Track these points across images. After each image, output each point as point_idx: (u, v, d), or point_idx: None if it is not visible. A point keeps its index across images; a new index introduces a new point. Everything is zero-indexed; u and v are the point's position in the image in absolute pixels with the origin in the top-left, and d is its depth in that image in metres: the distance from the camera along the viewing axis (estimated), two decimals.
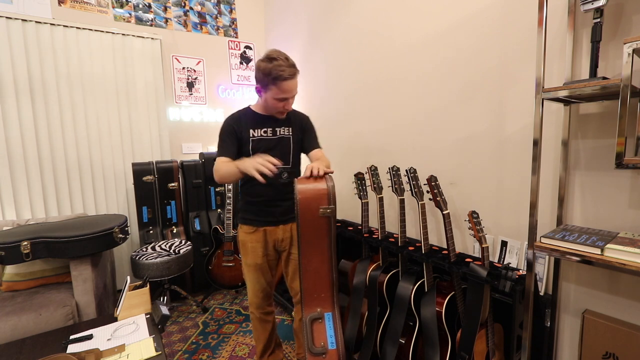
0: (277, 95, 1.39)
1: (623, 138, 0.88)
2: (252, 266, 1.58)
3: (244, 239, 1.58)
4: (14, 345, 1.32)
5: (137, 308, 1.50)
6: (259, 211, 1.55)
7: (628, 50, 0.84)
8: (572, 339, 1.29)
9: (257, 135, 1.49)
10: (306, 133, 1.59)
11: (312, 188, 1.31)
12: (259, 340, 1.70)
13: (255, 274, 1.59)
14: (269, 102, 1.43)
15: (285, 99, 1.42)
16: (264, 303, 1.65)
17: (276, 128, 1.52)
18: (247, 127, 1.48)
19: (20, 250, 1.68)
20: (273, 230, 1.56)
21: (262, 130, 1.50)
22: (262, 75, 1.37)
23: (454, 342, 1.42)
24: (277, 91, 1.38)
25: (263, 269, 1.59)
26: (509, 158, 1.42)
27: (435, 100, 1.70)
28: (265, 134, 1.50)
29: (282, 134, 1.53)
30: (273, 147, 1.50)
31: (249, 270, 1.59)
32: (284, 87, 1.37)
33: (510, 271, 1.23)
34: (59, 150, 2.45)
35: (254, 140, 1.49)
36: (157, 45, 2.75)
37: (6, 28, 2.23)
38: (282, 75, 1.34)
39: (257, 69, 1.39)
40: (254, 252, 1.56)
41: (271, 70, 1.34)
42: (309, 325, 1.37)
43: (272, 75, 1.34)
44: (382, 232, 1.72)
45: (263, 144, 1.49)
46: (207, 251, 2.68)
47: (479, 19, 1.47)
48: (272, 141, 1.51)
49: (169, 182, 2.66)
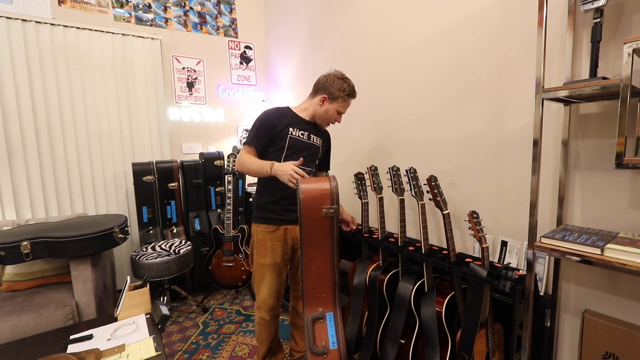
0: (342, 109, 1.60)
1: (623, 138, 0.88)
2: (271, 266, 1.58)
3: (264, 237, 1.59)
4: (14, 345, 1.32)
5: (137, 308, 1.50)
6: (281, 210, 1.59)
7: (628, 50, 0.84)
8: (572, 339, 1.29)
9: (295, 135, 1.58)
10: (328, 151, 1.78)
11: (315, 188, 1.32)
12: (264, 343, 1.69)
13: (273, 274, 1.60)
14: (329, 112, 1.59)
15: (342, 113, 1.62)
16: (277, 304, 1.65)
17: (312, 135, 1.63)
18: (289, 125, 1.57)
19: (20, 250, 1.68)
20: (293, 228, 1.60)
21: (300, 131, 1.59)
22: (336, 90, 1.55)
23: (454, 342, 1.42)
24: (344, 105, 1.60)
25: (280, 268, 1.61)
26: (509, 158, 1.42)
27: (436, 100, 1.70)
28: (302, 136, 1.60)
29: (314, 141, 1.64)
30: (305, 149, 1.60)
31: (266, 271, 1.59)
32: (347, 104, 1.61)
33: (510, 271, 1.23)
34: (59, 150, 2.45)
35: (292, 138, 1.57)
36: (157, 45, 2.75)
37: (6, 28, 2.23)
38: (353, 94, 1.60)
39: (331, 84, 1.56)
40: (273, 252, 1.58)
41: (346, 88, 1.56)
42: (311, 325, 1.37)
43: (346, 91, 1.56)
44: (382, 232, 1.72)
45: (298, 144, 1.58)
46: (207, 251, 2.68)
47: (478, 18, 1.47)
48: (305, 144, 1.60)
49: (169, 182, 2.66)
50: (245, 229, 2.58)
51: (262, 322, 1.65)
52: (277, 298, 1.63)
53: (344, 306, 1.91)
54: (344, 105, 1.61)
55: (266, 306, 1.61)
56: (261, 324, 1.66)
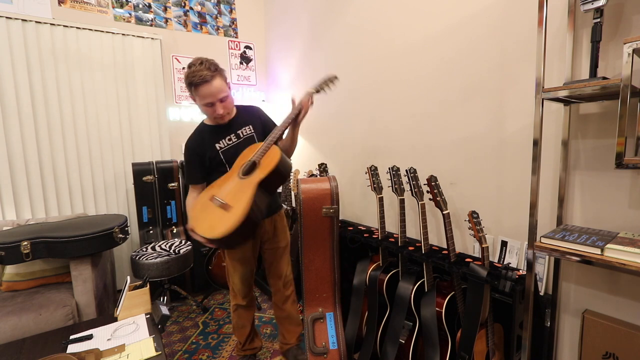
0: (201, 101, 1.40)
1: (623, 138, 0.88)
2: (240, 260, 1.62)
3: None
4: (14, 345, 1.31)
5: (137, 308, 1.50)
6: None
7: (628, 50, 0.84)
8: (572, 339, 1.29)
9: (225, 145, 1.53)
10: (266, 123, 1.62)
11: (315, 188, 1.32)
12: (244, 328, 1.75)
13: (242, 265, 1.63)
14: (201, 110, 1.46)
15: (211, 104, 1.40)
16: (249, 291, 1.70)
17: (237, 131, 1.54)
18: (212, 142, 1.51)
19: (20, 250, 1.68)
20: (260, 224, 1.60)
21: (226, 139, 1.52)
22: (186, 85, 1.39)
23: (454, 342, 1.42)
24: (199, 98, 1.39)
25: (250, 259, 1.64)
26: (509, 158, 1.42)
27: (436, 100, 1.70)
28: (230, 141, 1.53)
29: (246, 134, 1.55)
30: (242, 146, 1.52)
31: (236, 264, 1.63)
32: (202, 92, 1.37)
33: (510, 271, 1.23)
34: (59, 150, 2.44)
35: (223, 150, 1.52)
36: (157, 45, 2.75)
37: (6, 28, 2.23)
38: (194, 81, 1.35)
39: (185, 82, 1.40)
40: (242, 247, 1.60)
41: (188, 78, 1.36)
42: (311, 325, 1.37)
43: (190, 83, 1.36)
44: (382, 232, 1.72)
45: (232, 150, 1.52)
46: (207, 251, 2.68)
47: (478, 19, 1.47)
48: (240, 145, 1.53)
49: (169, 182, 2.66)
50: None
51: (240, 308, 1.71)
52: (248, 285, 1.69)
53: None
54: (199, 98, 1.39)
55: (241, 293, 1.67)
56: (239, 310, 1.72)
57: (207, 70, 1.35)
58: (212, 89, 1.37)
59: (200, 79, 1.34)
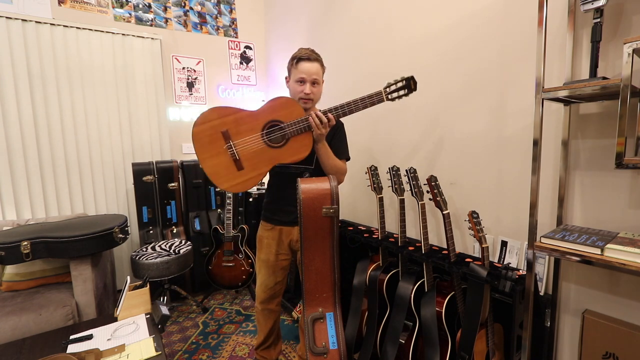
0: (296, 76, 1.49)
1: (623, 138, 0.88)
2: (265, 262, 1.63)
3: (262, 234, 1.65)
4: (14, 345, 1.32)
5: (137, 308, 1.50)
6: (276, 210, 1.61)
7: (628, 50, 0.84)
8: (572, 339, 1.29)
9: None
10: (334, 138, 1.60)
11: (315, 188, 1.32)
12: (260, 332, 1.73)
13: (266, 270, 1.63)
14: (290, 90, 1.55)
15: (303, 81, 1.49)
16: (268, 299, 1.67)
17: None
18: None
19: (20, 250, 1.68)
20: (289, 230, 1.60)
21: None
22: (289, 61, 1.52)
23: (454, 342, 1.42)
24: (295, 72, 1.49)
25: (275, 268, 1.62)
26: (509, 158, 1.42)
27: (436, 99, 1.70)
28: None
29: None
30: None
31: (261, 265, 1.64)
32: (300, 67, 1.48)
33: (510, 271, 1.23)
34: (59, 150, 2.45)
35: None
36: (157, 45, 2.75)
37: (6, 28, 2.23)
38: (298, 55, 1.49)
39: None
40: (268, 248, 1.61)
41: (294, 54, 1.50)
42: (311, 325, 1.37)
43: (294, 57, 1.50)
44: (382, 232, 1.72)
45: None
46: (207, 251, 2.68)
47: (478, 18, 1.47)
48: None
49: (169, 182, 2.66)
50: (245, 229, 2.58)
51: (257, 311, 1.71)
52: (269, 293, 1.64)
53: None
54: (298, 71, 1.49)
55: (258, 298, 1.67)
56: (256, 312, 1.72)
57: (313, 53, 1.52)
58: (310, 68, 1.49)
59: (305, 55, 1.49)
